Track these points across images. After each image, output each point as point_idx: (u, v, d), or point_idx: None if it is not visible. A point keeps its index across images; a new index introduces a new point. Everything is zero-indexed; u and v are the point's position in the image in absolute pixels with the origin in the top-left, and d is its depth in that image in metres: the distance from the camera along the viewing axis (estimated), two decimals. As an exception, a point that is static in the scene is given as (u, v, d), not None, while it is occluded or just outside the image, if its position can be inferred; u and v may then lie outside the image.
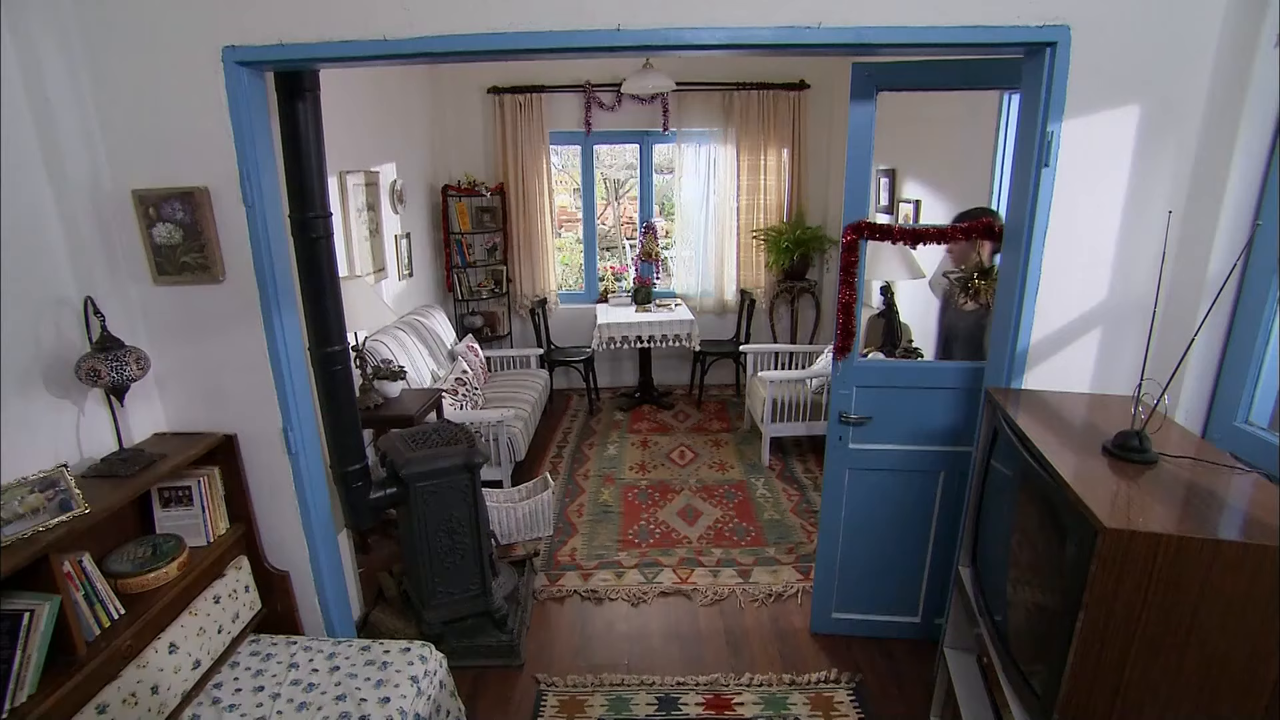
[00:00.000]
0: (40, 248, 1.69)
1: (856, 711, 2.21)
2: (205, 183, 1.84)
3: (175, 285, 1.93)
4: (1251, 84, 1.59)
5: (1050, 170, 1.78)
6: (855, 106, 2.10)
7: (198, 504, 1.95)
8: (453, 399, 3.73)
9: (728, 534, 3.32)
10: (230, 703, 1.77)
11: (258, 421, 2.04)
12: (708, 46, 1.73)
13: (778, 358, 4.77)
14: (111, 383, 1.69)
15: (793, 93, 4.98)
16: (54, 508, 1.50)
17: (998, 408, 1.75)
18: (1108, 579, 1.14)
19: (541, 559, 3.12)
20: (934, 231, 2.15)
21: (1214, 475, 1.32)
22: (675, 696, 2.28)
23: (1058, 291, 1.87)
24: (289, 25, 1.71)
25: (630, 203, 6.61)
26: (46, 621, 1.43)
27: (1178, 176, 1.76)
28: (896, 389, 2.26)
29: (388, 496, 2.32)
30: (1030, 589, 1.47)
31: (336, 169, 3.35)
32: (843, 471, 2.36)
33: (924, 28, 1.68)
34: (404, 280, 4.35)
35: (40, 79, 1.68)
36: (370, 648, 1.98)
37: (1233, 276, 1.64)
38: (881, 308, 3.85)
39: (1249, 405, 1.71)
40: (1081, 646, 1.19)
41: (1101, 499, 1.20)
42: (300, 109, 1.92)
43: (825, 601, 2.54)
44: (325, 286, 2.08)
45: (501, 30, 1.69)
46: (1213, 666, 1.15)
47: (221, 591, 1.96)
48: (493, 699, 2.30)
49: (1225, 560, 1.10)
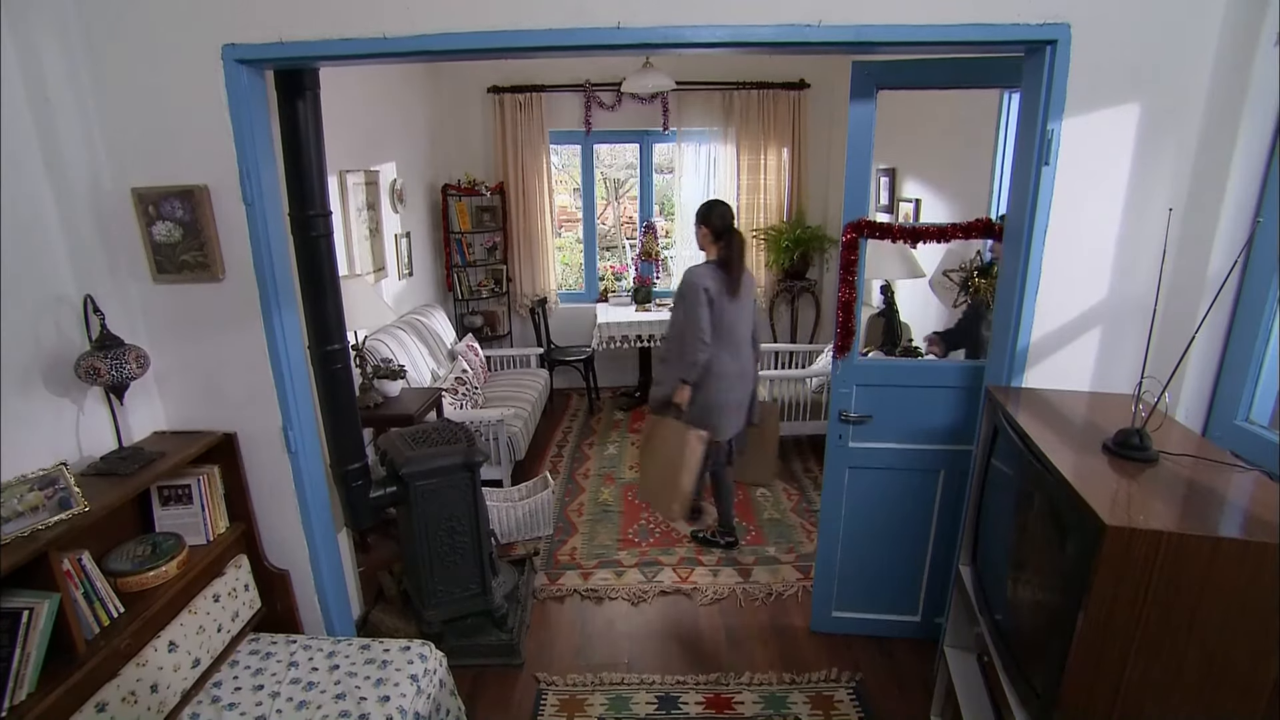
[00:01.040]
0: (40, 246, 1.69)
1: (857, 710, 2.21)
2: (205, 181, 1.84)
3: (175, 284, 1.93)
4: (1252, 82, 1.59)
5: (1050, 169, 1.77)
6: (855, 105, 2.10)
7: (197, 503, 1.95)
8: (453, 398, 3.73)
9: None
10: (230, 701, 1.77)
11: (257, 420, 2.04)
12: (708, 45, 1.72)
13: (778, 357, 4.77)
14: (111, 381, 1.69)
15: (793, 92, 4.97)
16: (53, 505, 1.50)
17: (998, 406, 1.75)
18: (1109, 576, 1.14)
19: (541, 558, 3.12)
20: (934, 230, 2.15)
21: (1215, 473, 1.32)
22: (675, 695, 2.28)
23: (1058, 290, 1.87)
24: (289, 23, 1.71)
25: (630, 202, 6.60)
26: (46, 620, 1.43)
27: (1178, 174, 1.76)
28: (896, 388, 2.26)
29: (387, 495, 2.31)
30: (1031, 587, 1.47)
31: (336, 168, 3.35)
32: (843, 470, 2.36)
33: (924, 26, 1.68)
34: (404, 280, 4.34)
35: (40, 77, 1.68)
36: (370, 646, 1.97)
37: (1233, 275, 1.64)
38: (881, 307, 3.85)
39: (1249, 404, 1.71)
40: (1082, 644, 1.19)
41: (1102, 497, 1.20)
42: (300, 107, 1.92)
43: (825, 600, 2.54)
44: (325, 285, 2.08)
45: (501, 28, 1.69)
46: (1214, 664, 1.15)
47: (221, 590, 1.96)
48: (492, 698, 2.30)
49: (1226, 558, 1.09)
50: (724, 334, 2.71)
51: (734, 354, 2.77)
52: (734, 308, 2.72)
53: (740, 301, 2.75)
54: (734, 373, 2.78)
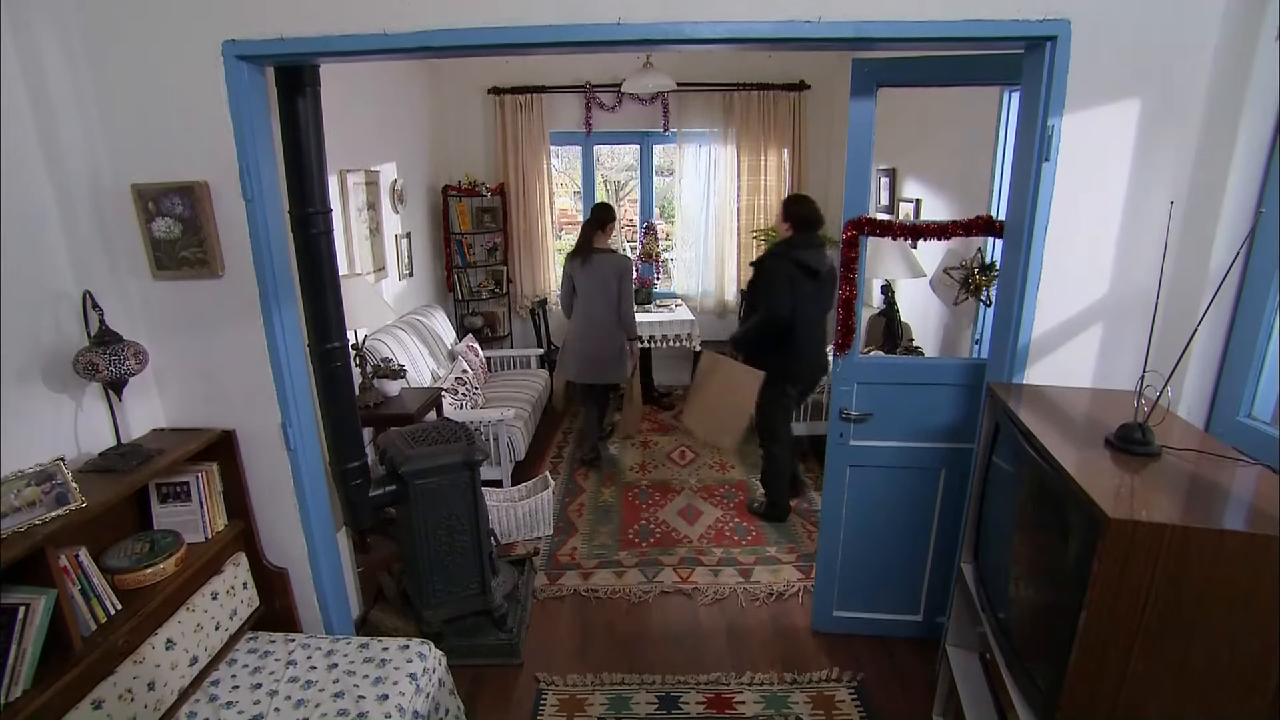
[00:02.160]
0: (39, 242, 1.69)
1: (858, 710, 2.20)
2: (205, 177, 1.84)
3: (174, 280, 1.92)
4: (1252, 77, 1.59)
5: (1051, 165, 1.77)
6: (855, 103, 2.10)
7: (196, 500, 1.95)
8: (452, 398, 3.72)
9: (728, 533, 3.30)
10: (228, 700, 1.76)
11: (256, 417, 2.03)
12: (708, 41, 1.72)
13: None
14: (110, 377, 1.69)
15: (793, 93, 4.98)
16: (50, 501, 1.49)
17: (1000, 402, 1.74)
18: (1112, 570, 1.13)
19: (541, 558, 3.11)
20: (934, 227, 2.15)
21: (1218, 467, 1.32)
22: (676, 695, 2.27)
23: (1059, 287, 1.87)
24: (289, 19, 1.71)
25: (631, 206, 6.61)
26: (42, 616, 1.42)
27: (1179, 170, 1.76)
28: (897, 385, 2.25)
29: (387, 494, 2.31)
30: (1033, 583, 1.46)
31: (337, 167, 3.35)
32: (844, 469, 2.35)
33: (924, 22, 1.68)
34: (404, 280, 4.34)
35: (41, 73, 1.68)
36: (369, 645, 1.96)
37: (1235, 270, 1.63)
38: (882, 307, 3.84)
39: (1251, 400, 1.70)
40: (1085, 639, 1.18)
41: (1105, 490, 1.20)
42: (300, 105, 1.92)
43: (826, 600, 2.53)
44: (325, 282, 2.07)
45: (501, 24, 1.69)
46: (1218, 658, 1.14)
47: (219, 588, 1.96)
48: (492, 698, 2.29)
49: (1230, 551, 1.09)
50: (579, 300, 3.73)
51: (586, 316, 3.73)
52: (584, 279, 3.69)
53: (589, 274, 3.68)
54: (583, 331, 3.75)
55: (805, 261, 3.00)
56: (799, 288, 2.98)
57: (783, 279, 2.98)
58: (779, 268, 3.00)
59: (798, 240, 3.06)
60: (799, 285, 2.99)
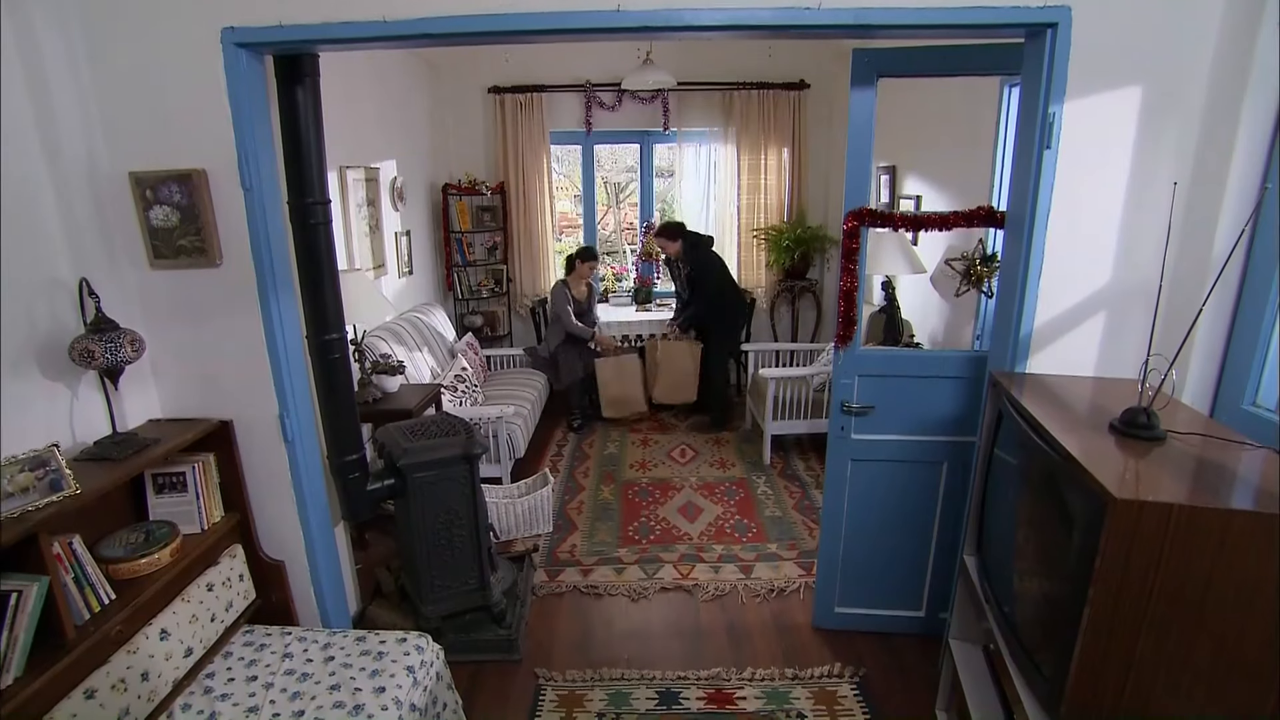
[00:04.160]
0: (36, 229, 1.68)
1: (860, 705, 2.17)
2: (203, 165, 1.83)
3: (172, 269, 1.91)
4: (1254, 63, 1.58)
5: (1052, 153, 1.76)
6: (856, 93, 2.09)
7: (192, 490, 1.93)
8: (452, 395, 3.71)
9: (729, 530, 3.28)
10: (222, 692, 1.73)
11: (254, 407, 2.02)
12: (707, 28, 1.72)
13: (779, 356, 4.75)
14: (105, 364, 1.67)
15: (793, 92, 4.99)
16: (44, 487, 1.48)
17: (1002, 391, 1.73)
18: (1118, 553, 1.12)
19: (541, 555, 3.09)
20: (935, 218, 2.14)
21: (1223, 451, 1.30)
22: (676, 691, 2.24)
23: (1060, 275, 1.86)
24: (288, 6, 1.71)
25: (631, 208, 6.61)
26: (34, 603, 1.41)
27: (1180, 156, 1.75)
28: (898, 378, 2.24)
29: (385, 487, 2.29)
30: (1038, 571, 1.44)
31: (336, 164, 3.35)
32: (845, 463, 2.33)
33: (924, 9, 1.68)
34: (404, 278, 4.34)
35: (39, 60, 1.68)
36: (366, 638, 1.94)
37: (1237, 256, 1.62)
38: (883, 304, 3.84)
39: (1255, 388, 1.69)
40: (1091, 626, 1.16)
41: (1110, 472, 1.18)
42: (299, 94, 1.91)
43: (828, 596, 2.51)
44: (324, 273, 2.06)
45: (500, 11, 1.69)
46: (1225, 642, 1.13)
47: (215, 579, 1.94)
48: (491, 694, 2.27)
49: (1237, 531, 1.07)
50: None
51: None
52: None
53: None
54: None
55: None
56: (725, 277, 4.57)
57: (714, 271, 4.45)
58: (712, 261, 4.47)
59: (704, 244, 4.47)
60: (725, 275, 4.58)
